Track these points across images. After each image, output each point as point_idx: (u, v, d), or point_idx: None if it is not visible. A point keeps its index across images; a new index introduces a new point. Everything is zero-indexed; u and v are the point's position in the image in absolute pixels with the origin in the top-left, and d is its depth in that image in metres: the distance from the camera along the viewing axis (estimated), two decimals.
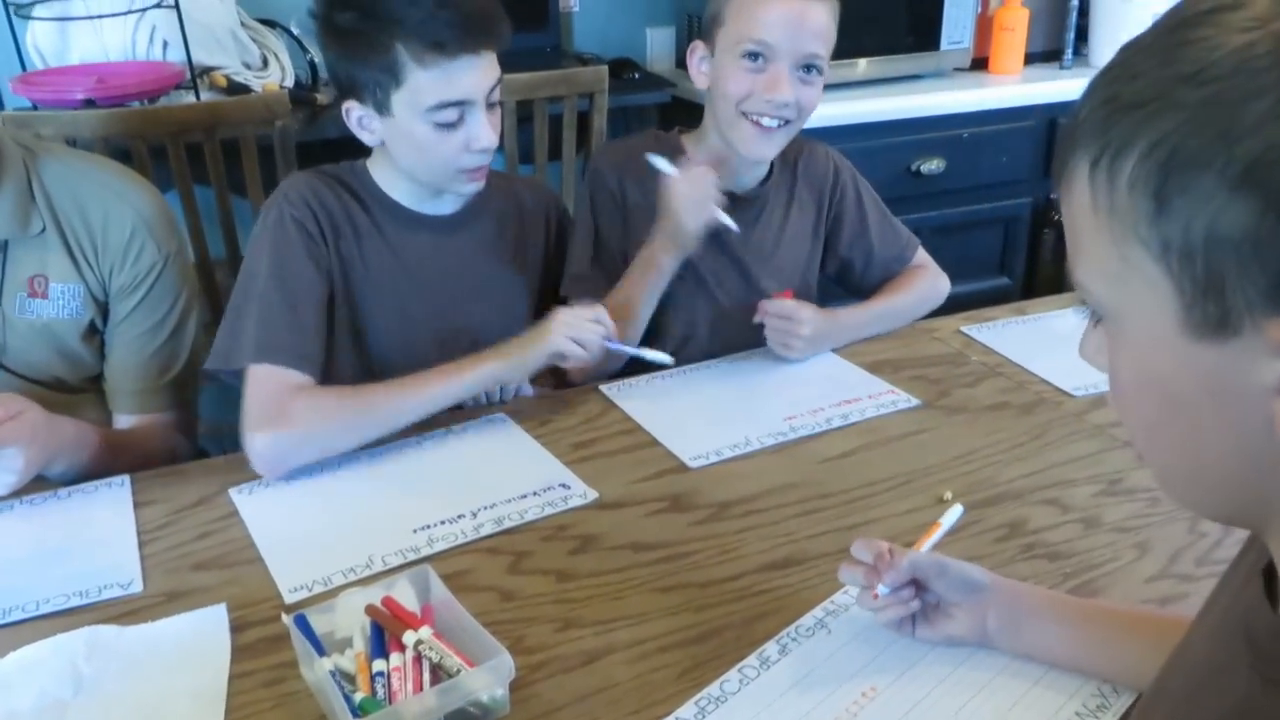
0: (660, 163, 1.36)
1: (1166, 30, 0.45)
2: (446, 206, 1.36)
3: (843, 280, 1.59)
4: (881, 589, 0.84)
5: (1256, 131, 0.40)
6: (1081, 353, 0.55)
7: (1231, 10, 0.43)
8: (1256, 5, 0.42)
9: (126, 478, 1.17)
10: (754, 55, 1.31)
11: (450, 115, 1.21)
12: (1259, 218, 0.41)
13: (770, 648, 0.88)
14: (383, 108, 1.22)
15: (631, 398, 1.34)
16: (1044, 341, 1.48)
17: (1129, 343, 0.50)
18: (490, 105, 1.25)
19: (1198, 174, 0.42)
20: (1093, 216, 0.48)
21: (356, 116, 1.25)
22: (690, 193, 1.34)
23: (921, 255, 1.58)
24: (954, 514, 1.00)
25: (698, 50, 1.39)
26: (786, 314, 1.38)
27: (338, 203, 1.30)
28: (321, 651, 0.83)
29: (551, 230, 1.48)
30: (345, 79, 1.23)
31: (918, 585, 0.87)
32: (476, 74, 1.21)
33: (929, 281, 1.56)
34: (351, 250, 1.31)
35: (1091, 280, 0.50)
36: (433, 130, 1.21)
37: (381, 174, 1.33)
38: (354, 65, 1.21)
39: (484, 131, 1.23)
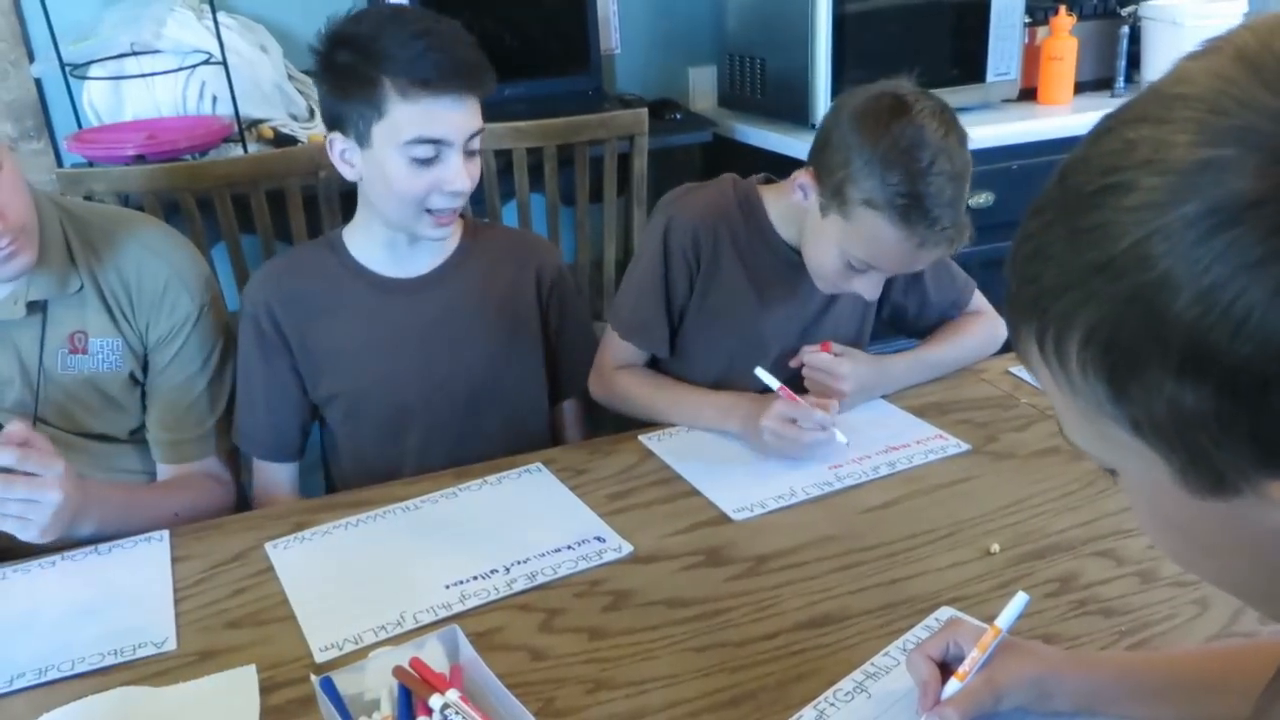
0: (766, 377, 1.28)
1: (1067, 206, 0.45)
2: (420, 266, 1.37)
3: (897, 324, 1.54)
4: None
5: (1179, 330, 0.40)
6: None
7: (1118, 194, 0.42)
8: (1138, 192, 0.41)
9: (166, 533, 1.18)
10: None
11: (426, 152, 1.23)
12: (1215, 399, 0.41)
13: (807, 713, 0.85)
14: (364, 140, 1.25)
15: (671, 446, 1.32)
16: None
17: (1139, 493, 0.49)
18: (469, 153, 1.27)
19: (1141, 365, 0.42)
20: (1058, 392, 0.48)
21: (340, 149, 1.29)
22: (782, 431, 1.24)
23: (979, 300, 1.52)
24: (1015, 609, 0.82)
25: None
26: (825, 369, 1.34)
27: (302, 288, 1.36)
28: (347, 716, 0.82)
29: (544, 287, 1.45)
30: (333, 112, 1.28)
31: None
32: (457, 116, 1.23)
33: (986, 329, 1.50)
34: (321, 329, 1.36)
35: (1081, 442, 0.50)
36: (406, 164, 1.23)
37: (355, 240, 1.37)
38: (343, 99, 1.26)
39: (457, 175, 1.25)
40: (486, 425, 1.40)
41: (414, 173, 1.24)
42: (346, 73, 1.23)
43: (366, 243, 1.36)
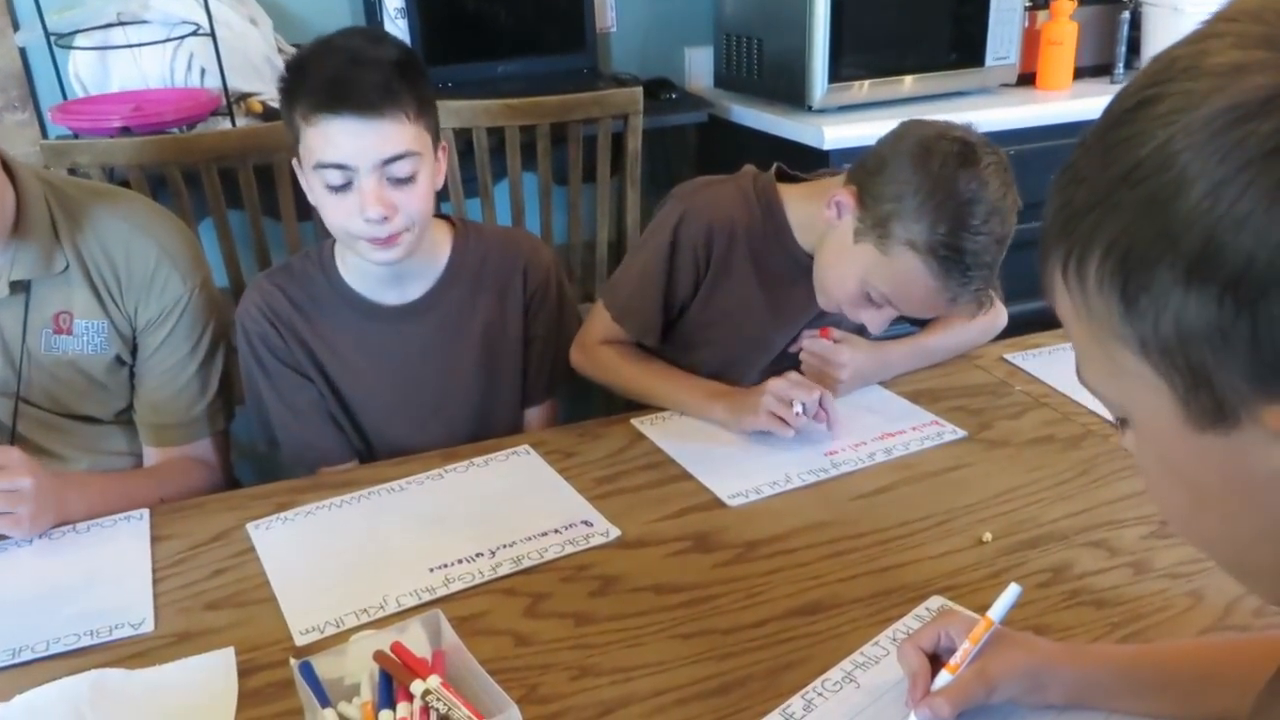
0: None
1: (1103, 130, 0.46)
2: (409, 293, 1.33)
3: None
4: None
5: (1190, 227, 0.40)
6: (1124, 445, 0.54)
7: (1151, 105, 0.43)
8: (1169, 99, 0.42)
9: (145, 512, 1.16)
10: None
11: (334, 177, 1.17)
12: (1217, 307, 0.41)
13: (795, 703, 0.83)
14: (299, 164, 1.23)
15: (662, 430, 1.30)
16: None
17: (1147, 439, 0.50)
18: (396, 178, 1.18)
19: (1152, 273, 0.42)
20: (1076, 321, 0.48)
21: (300, 173, 1.25)
22: (765, 412, 1.23)
23: None
24: (1007, 600, 0.80)
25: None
26: (824, 355, 1.33)
27: (292, 309, 1.32)
28: (325, 702, 0.80)
29: (528, 295, 1.40)
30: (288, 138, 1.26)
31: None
32: (360, 139, 1.15)
33: (987, 316, 1.46)
34: (319, 344, 1.33)
35: (1096, 382, 0.50)
36: (324, 191, 1.19)
37: (344, 260, 1.32)
38: (286, 126, 1.23)
39: (368, 201, 1.16)
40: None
41: (331, 200, 1.19)
42: (282, 98, 1.22)
43: (352, 266, 1.32)
